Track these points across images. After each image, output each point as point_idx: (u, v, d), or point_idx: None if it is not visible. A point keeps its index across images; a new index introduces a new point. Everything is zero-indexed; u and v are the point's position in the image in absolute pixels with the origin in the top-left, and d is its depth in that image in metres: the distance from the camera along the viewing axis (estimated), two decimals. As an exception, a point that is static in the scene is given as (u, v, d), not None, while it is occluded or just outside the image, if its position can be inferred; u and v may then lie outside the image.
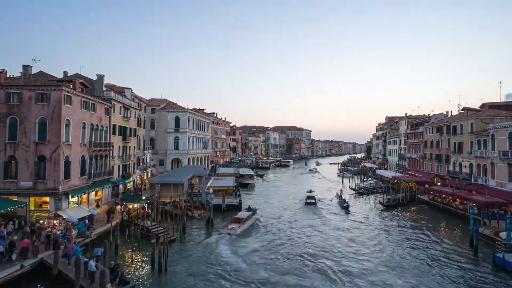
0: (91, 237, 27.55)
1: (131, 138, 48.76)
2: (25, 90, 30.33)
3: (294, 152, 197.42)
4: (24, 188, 29.78)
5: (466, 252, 28.34)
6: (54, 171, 30.23)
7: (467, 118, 49.55)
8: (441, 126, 58.49)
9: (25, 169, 29.94)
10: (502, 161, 39.82)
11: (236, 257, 26.31)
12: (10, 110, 30.13)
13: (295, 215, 42.60)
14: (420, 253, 28.09)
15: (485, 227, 31.85)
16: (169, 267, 23.64)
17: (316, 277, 22.91)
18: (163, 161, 66.12)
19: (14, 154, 29.92)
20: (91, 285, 18.75)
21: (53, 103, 30.50)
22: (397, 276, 23.17)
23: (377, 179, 75.25)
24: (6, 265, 20.36)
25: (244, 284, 21.79)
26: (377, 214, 44.73)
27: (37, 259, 21.85)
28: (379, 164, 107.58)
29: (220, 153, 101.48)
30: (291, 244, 30.41)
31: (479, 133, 45.67)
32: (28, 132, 30.06)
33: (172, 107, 68.08)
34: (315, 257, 26.82)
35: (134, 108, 50.49)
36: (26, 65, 36.52)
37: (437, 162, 59.50)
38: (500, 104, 53.31)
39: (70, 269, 20.13)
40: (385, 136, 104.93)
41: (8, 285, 19.04)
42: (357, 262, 25.78)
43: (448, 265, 25.22)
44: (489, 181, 42.62)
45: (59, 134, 30.50)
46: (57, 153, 30.40)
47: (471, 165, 47.65)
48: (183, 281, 22.04)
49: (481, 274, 23.49)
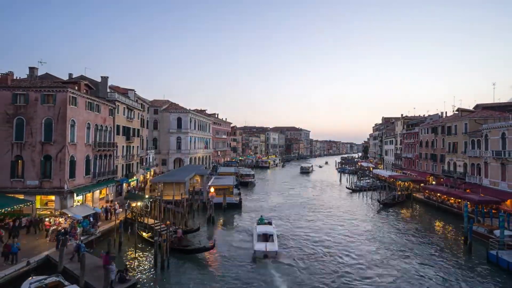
0: (95, 235, 27.53)
1: (135, 138, 48.75)
2: (31, 91, 30.33)
3: (293, 152, 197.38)
4: (31, 187, 29.77)
5: (461, 249, 28.32)
6: (59, 170, 30.21)
7: (461, 119, 49.53)
8: (436, 126, 58.45)
9: (32, 168, 29.93)
10: (495, 161, 39.80)
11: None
12: (17, 111, 30.13)
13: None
14: (415, 250, 28.03)
15: (479, 225, 31.81)
16: (171, 264, 23.64)
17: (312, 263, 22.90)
18: (165, 160, 66.10)
19: (20, 154, 29.91)
20: (95, 281, 18.71)
21: (59, 104, 30.48)
22: (391, 271, 23.11)
23: (374, 178, 75.29)
24: (13, 262, 20.38)
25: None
26: (373, 211, 44.70)
27: (42, 256, 21.85)
28: (376, 164, 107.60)
29: (221, 153, 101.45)
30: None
31: (473, 134, 45.67)
32: (35, 132, 30.05)
33: (174, 108, 68.07)
34: (316, 244, 26.85)
35: (138, 109, 50.47)
36: (32, 67, 36.53)
37: (432, 161, 59.48)
38: (493, 105, 53.37)
39: (75, 266, 20.11)
40: (382, 136, 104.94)
41: (15, 281, 19.01)
42: (350, 257, 25.79)
43: (442, 262, 25.17)
44: (482, 180, 42.60)
45: (64, 134, 30.48)
46: (63, 152, 30.39)
47: (465, 165, 47.62)
48: (185, 278, 21.99)
49: (475, 271, 23.45)
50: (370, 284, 21.18)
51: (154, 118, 65.29)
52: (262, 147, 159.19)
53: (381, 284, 21.18)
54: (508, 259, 23.15)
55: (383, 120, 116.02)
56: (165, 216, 33.80)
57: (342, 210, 45.13)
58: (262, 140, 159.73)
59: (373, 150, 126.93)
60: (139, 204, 34.85)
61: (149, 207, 36.38)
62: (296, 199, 53.54)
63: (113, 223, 30.67)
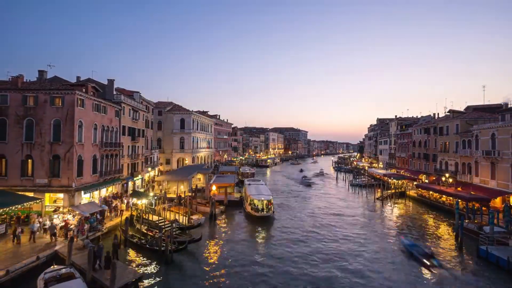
0: (102, 231, 27.56)
1: (140, 139, 48.77)
2: (40, 93, 30.35)
3: (292, 151, 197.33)
4: (40, 185, 29.81)
5: (452, 245, 28.34)
6: (67, 169, 30.25)
7: (453, 120, 49.55)
8: (429, 127, 58.46)
9: (41, 167, 29.97)
10: (485, 160, 39.82)
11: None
12: (27, 113, 30.17)
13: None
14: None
15: (470, 221, 31.82)
16: (174, 259, 23.69)
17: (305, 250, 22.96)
18: (169, 159, 66.08)
19: (30, 154, 29.96)
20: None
21: (67, 106, 30.52)
22: (383, 266, 23.13)
23: (369, 176, 75.31)
24: (22, 256, 20.44)
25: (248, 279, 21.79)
26: (367, 208, 44.70)
27: (52, 251, 21.89)
28: (371, 163, 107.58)
29: (223, 152, 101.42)
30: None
31: (464, 134, 45.69)
32: (44, 133, 30.09)
33: (177, 110, 68.05)
34: (312, 236, 26.92)
35: (142, 110, 50.48)
36: (42, 71, 36.51)
37: (424, 160, 59.49)
38: (483, 106, 53.38)
39: (83, 261, 20.15)
40: (377, 136, 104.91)
41: (26, 275, 19.08)
42: (343, 249, 25.83)
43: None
44: (473, 178, 42.62)
45: (72, 134, 30.51)
46: (71, 152, 30.42)
47: (457, 164, 47.64)
48: (188, 273, 22.02)
49: (466, 266, 23.48)
50: (360, 272, 21.21)
51: (158, 119, 65.33)
52: (262, 147, 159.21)
53: (376, 279, 21.18)
54: (497, 254, 23.18)
55: (378, 121, 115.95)
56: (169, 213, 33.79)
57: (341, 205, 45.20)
58: (262, 140, 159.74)
59: (368, 150, 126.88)
60: (144, 201, 34.87)
61: (154, 204, 36.41)
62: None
63: (118, 219, 30.76)
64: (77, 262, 20.37)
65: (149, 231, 29.15)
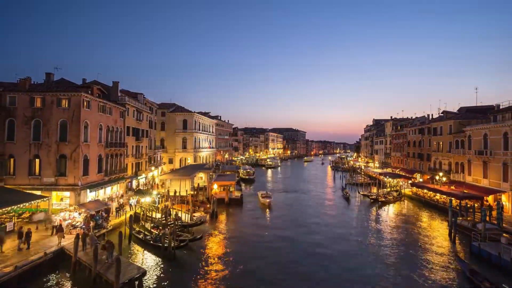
0: (107, 228, 27.56)
1: (143, 139, 48.77)
2: (48, 95, 30.38)
3: (291, 151, 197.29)
4: (47, 184, 29.84)
5: (445, 241, 28.33)
6: (74, 168, 30.27)
7: (447, 121, 49.52)
8: (423, 127, 58.44)
9: (48, 167, 30.00)
10: (477, 159, 39.80)
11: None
12: (34, 114, 30.19)
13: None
14: (403, 241, 28.03)
15: (463, 219, 31.81)
16: (177, 256, 23.68)
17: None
18: (172, 159, 66.09)
19: (38, 153, 29.99)
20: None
21: (73, 107, 30.54)
22: (378, 262, 23.12)
23: (365, 175, 75.31)
24: (30, 253, 20.43)
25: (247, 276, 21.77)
26: (364, 206, 44.70)
27: (58, 248, 21.88)
28: (367, 162, 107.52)
29: (224, 152, 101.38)
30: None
31: (457, 134, 45.68)
32: (51, 133, 30.12)
33: (180, 111, 68.05)
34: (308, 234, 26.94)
35: (146, 111, 50.49)
36: (49, 73, 36.45)
37: (419, 160, 59.47)
38: (476, 108, 53.32)
39: (88, 257, 20.15)
40: (373, 136, 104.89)
41: (33, 270, 19.08)
42: (340, 246, 25.81)
43: (428, 253, 25.16)
44: (466, 177, 42.61)
45: (78, 135, 30.53)
46: (77, 152, 30.44)
47: (450, 163, 47.63)
48: (190, 269, 22.02)
49: (459, 262, 23.44)
50: (357, 269, 21.20)
51: (162, 120, 65.31)
52: (262, 146, 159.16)
53: (370, 274, 21.18)
54: (489, 250, 23.17)
55: (374, 121, 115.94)
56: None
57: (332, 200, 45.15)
58: (261, 140, 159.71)
59: (364, 150, 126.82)
60: (148, 199, 34.88)
61: (157, 202, 36.41)
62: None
63: (123, 217, 30.75)
64: (83, 259, 20.38)
65: (154, 229, 29.18)
